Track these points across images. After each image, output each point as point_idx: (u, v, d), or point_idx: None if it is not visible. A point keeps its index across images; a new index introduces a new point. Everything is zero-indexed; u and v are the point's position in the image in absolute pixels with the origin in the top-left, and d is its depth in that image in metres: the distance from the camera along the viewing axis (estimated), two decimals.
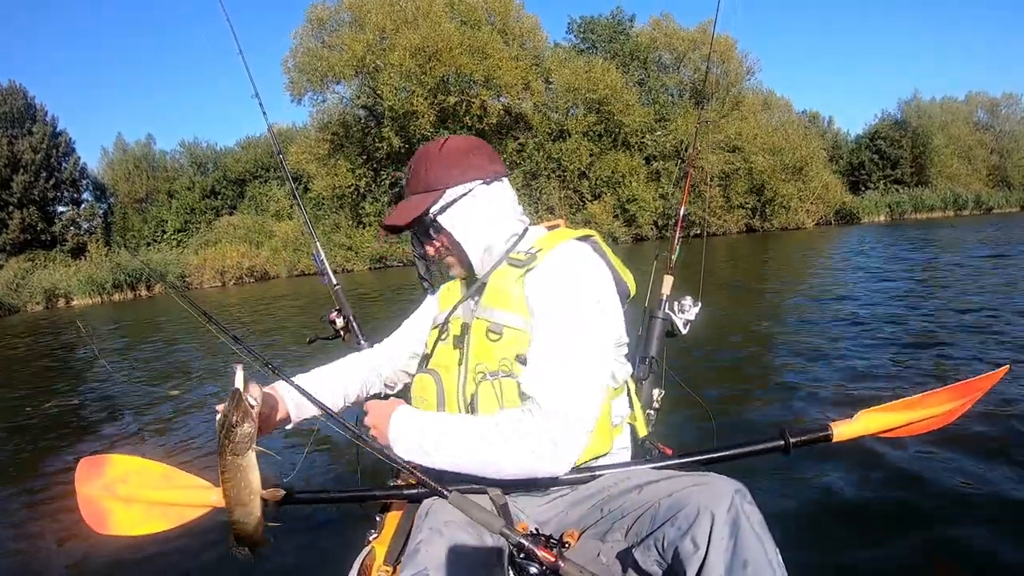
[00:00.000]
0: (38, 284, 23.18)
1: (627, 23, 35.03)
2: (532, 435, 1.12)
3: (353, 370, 1.55)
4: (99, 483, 1.44)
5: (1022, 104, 44.82)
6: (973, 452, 2.62)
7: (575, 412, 1.14)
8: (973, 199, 36.88)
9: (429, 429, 1.20)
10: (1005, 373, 1.61)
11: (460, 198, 1.32)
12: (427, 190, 1.32)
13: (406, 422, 1.22)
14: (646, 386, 1.94)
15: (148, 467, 1.48)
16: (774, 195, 30.11)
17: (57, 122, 32.13)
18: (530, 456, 1.12)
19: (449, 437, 1.17)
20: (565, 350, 1.17)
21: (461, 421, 1.20)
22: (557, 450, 1.12)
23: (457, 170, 1.32)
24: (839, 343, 4.97)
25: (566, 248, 1.30)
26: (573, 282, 1.23)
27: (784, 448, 1.44)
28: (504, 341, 1.25)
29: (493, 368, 1.24)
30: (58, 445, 4.59)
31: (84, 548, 2.70)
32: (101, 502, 1.43)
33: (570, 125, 29.36)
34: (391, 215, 1.36)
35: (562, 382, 1.15)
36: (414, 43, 25.52)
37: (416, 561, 1.05)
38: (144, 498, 1.44)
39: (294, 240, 27.56)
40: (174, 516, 1.44)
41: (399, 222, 1.34)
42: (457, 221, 1.32)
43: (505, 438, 1.13)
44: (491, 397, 1.23)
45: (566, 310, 1.20)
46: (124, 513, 1.43)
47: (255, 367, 1.32)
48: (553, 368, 1.16)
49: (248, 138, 38.02)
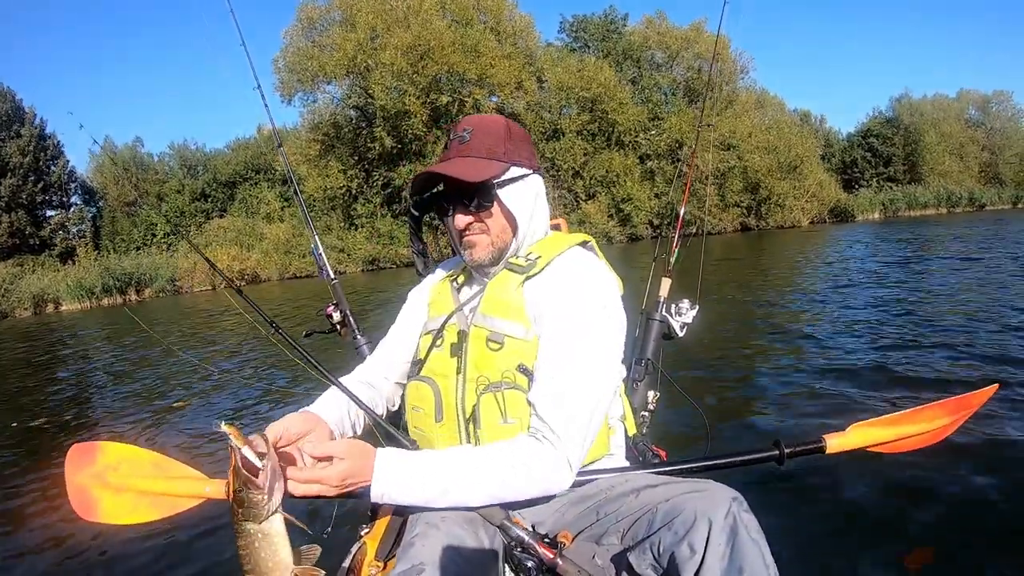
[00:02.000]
0: (27, 289, 22.77)
1: (620, 22, 35.00)
2: (554, 467, 1.12)
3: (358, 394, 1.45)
4: (90, 470, 1.42)
5: (1013, 101, 45.21)
6: (964, 466, 2.62)
7: (589, 435, 1.17)
8: (966, 196, 37.07)
9: (430, 482, 1.10)
10: (995, 392, 1.65)
11: (520, 178, 1.29)
12: (495, 158, 1.26)
13: (397, 473, 1.10)
14: (641, 387, 1.94)
15: (140, 455, 1.46)
16: (769, 193, 30.15)
17: (46, 125, 31.88)
18: (550, 485, 1.14)
19: (459, 487, 1.11)
20: (580, 371, 1.16)
21: (467, 469, 1.11)
22: (572, 472, 1.15)
23: (524, 152, 1.31)
24: (835, 350, 4.91)
25: (573, 257, 1.29)
26: (587, 296, 1.22)
27: (778, 458, 1.46)
28: (505, 351, 1.22)
29: (495, 379, 1.21)
30: (50, 433, 4.65)
31: (73, 536, 2.70)
32: (90, 489, 1.41)
33: (563, 124, 29.25)
34: (448, 167, 1.24)
35: (577, 407, 1.14)
36: (406, 42, 25.30)
37: (410, 555, 1.03)
38: (135, 487, 1.41)
39: (285, 242, 27.24)
40: (165, 506, 1.41)
41: (471, 177, 1.22)
42: (513, 198, 1.28)
43: (528, 478, 1.12)
44: (493, 409, 1.20)
45: (580, 327, 1.18)
46: (113, 501, 1.41)
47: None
48: (568, 393, 1.15)
49: (238, 140, 37.83)
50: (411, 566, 1.00)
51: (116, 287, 23.60)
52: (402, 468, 1.09)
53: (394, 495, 1.09)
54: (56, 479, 3.21)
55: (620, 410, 1.41)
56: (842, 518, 2.32)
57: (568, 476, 1.14)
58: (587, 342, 1.18)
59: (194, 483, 1.40)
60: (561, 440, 1.12)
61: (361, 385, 1.48)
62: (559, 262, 1.27)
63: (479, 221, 1.28)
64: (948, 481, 2.49)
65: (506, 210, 1.28)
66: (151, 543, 2.59)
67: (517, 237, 1.30)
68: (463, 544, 1.08)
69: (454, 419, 1.25)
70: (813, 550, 2.11)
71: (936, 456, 2.51)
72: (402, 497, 1.10)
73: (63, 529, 2.84)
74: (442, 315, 1.36)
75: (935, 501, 2.37)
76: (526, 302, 1.24)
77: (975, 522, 2.22)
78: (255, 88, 2.58)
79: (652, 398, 1.92)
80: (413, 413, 1.33)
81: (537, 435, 1.14)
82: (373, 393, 1.48)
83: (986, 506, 2.32)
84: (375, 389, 1.49)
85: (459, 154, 1.27)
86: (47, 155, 31.52)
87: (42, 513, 3.11)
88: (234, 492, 0.95)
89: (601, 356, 1.20)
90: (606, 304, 1.23)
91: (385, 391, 1.51)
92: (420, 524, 1.10)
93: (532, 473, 1.11)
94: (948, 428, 1.64)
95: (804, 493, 2.50)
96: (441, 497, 1.10)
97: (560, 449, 1.12)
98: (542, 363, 1.18)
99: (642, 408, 1.90)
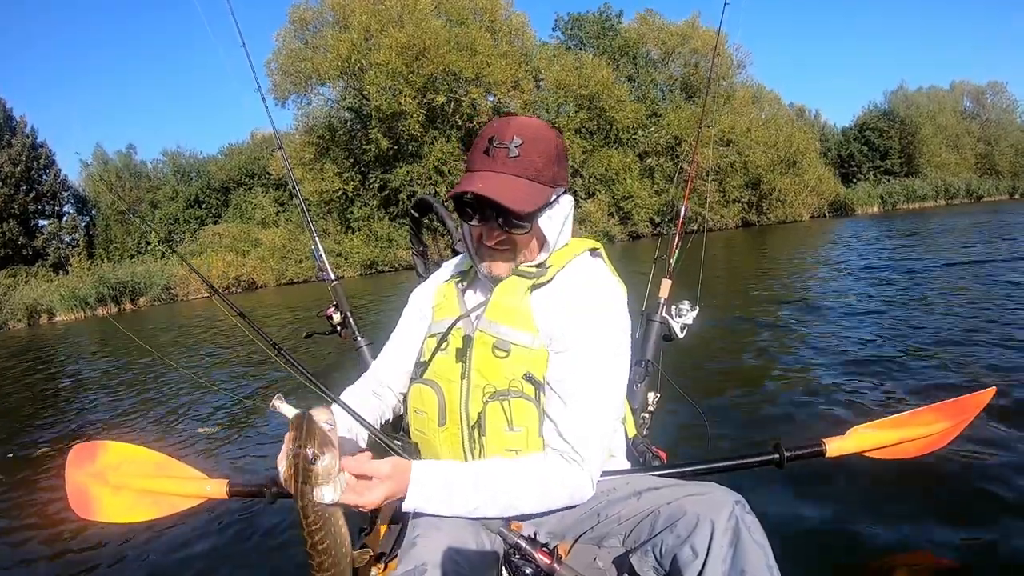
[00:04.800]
0: (19, 300, 22.34)
1: (615, 19, 34.77)
2: (580, 486, 1.15)
3: (365, 407, 1.42)
4: (90, 469, 1.43)
5: (1007, 92, 45.23)
6: (965, 469, 2.60)
7: (604, 450, 1.20)
8: (964, 188, 37.07)
9: (463, 498, 1.10)
10: (993, 395, 1.69)
11: (556, 200, 1.26)
12: (542, 182, 1.21)
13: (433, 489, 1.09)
14: (642, 389, 1.94)
15: (142, 455, 1.47)
16: (771, 189, 29.99)
17: (37, 134, 31.42)
18: (577, 501, 1.16)
19: (493, 504, 1.11)
20: (600, 392, 1.17)
21: (502, 488, 1.12)
22: (595, 487, 1.17)
23: (565, 173, 1.27)
24: (835, 352, 4.85)
25: (583, 267, 1.29)
26: (603, 313, 1.22)
27: (778, 462, 1.47)
28: (512, 359, 1.21)
29: (502, 387, 1.21)
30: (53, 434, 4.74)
31: (74, 536, 2.73)
32: (89, 488, 1.42)
33: (561, 122, 28.97)
34: (489, 185, 1.16)
35: (598, 427, 1.17)
36: (400, 41, 25.00)
37: (413, 555, 1.03)
38: (135, 486, 1.42)
39: (282, 247, 26.88)
40: (164, 505, 1.43)
41: (520, 207, 1.16)
42: (547, 221, 1.25)
43: (559, 497, 1.14)
44: (499, 417, 1.20)
45: (599, 346, 1.19)
46: (111, 500, 1.42)
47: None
48: (590, 414, 1.16)
49: (231, 145, 37.30)
50: (414, 567, 1.01)
51: (110, 296, 23.22)
52: (437, 484, 1.09)
53: (427, 509, 1.09)
54: (56, 480, 3.25)
55: (621, 412, 1.39)
56: (842, 522, 2.30)
57: (591, 492, 1.16)
58: (606, 361, 1.18)
59: (195, 483, 1.42)
60: (587, 461, 1.14)
61: (367, 395, 1.46)
62: (569, 272, 1.27)
63: (508, 240, 1.23)
64: (948, 484, 2.48)
65: (539, 232, 1.24)
66: (152, 543, 2.62)
67: (541, 255, 1.28)
68: (465, 546, 1.08)
69: (457, 424, 1.25)
70: (812, 553, 2.10)
71: (936, 459, 2.58)
72: (434, 510, 1.09)
73: (63, 529, 2.85)
74: (447, 318, 1.33)
75: (935, 504, 2.35)
76: (534, 310, 1.23)
77: (976, 526, 2.20)
78: (255, 90, 2.59)
79: (652, 399, 1.92)
80: (416, 416, 1.33)
81: (565, 456, 1.15)
82: (379, 403, 1.46)
83: (987, 510, 2.30)
84: (380, 398, 1.47)
85: (504, 169, 1.18)
86: (39, 164, 31.08)
87: (43, 513, 3.11)
88: (306, 462, 0.88)
89: (618, 374, 1.21)
90: (618, 320, 1.24)
91: (391, 400, 1.49)
92: (421, 525, 1.10)
93: (563, 492, 1.13)
94: (948, 434, 1.66)
95: (804, 496, 2.47)
96: (473, 512, 1.10)
97: (587, 469, 1.14)
98: (563, 381, 1.18)
99: (642, 409, 1.89)
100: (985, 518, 2.25)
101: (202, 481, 1.41)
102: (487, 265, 1.28)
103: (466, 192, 1.17)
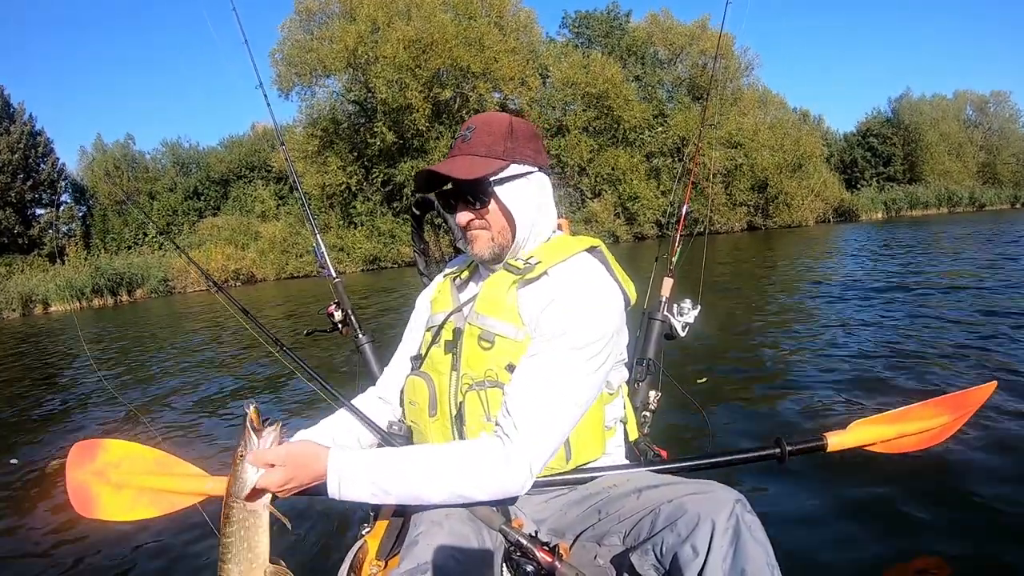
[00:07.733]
0: (14, 290, 22.05)
1: (623, 18, 34.60)
2: (505, 463, 1.10)
3: (370, 410, 1.47)
4: (91, 467, 1.43)
5: (1010, 102, 45.26)
6: (966, 464, 2.59)
7: (554, 441, 1.15)
8: (967, 196, 37.09)
9: (380, 480, 1.11)
10: (994, 389, 1.69)
11: (521, 176, 1.28)
12: (493, 156, 1.25)
13: (347, 472, 1.11)
14: (643, 387, 1.94)
15: (143, 453, 1.47)
16: (778, 192, 29.84)
17: (35, 121, 31.02)
18: (504, 482, 1.11)
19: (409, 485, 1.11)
20: (560, 382, 1.15)
21: (419, 468, 1.11)
22: (529, 471, 1.12)
23: (526, 149, 1.29)
24: (835, 349, 4.84)
25: (574, 267, 1.26)
26: (580, 313, 1.19)
27: (779, 456, 1.46)
28: (495, 350, 1.23)
29: (479, 378, 1.22)
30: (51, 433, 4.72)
31: (74, 536, 2.73)
32: (90, 486, 1.42)
33: (568, 121, 28.77)
34: (446, 165, 1.25)
35: (547, 413, 1.13)
36: (408, 35, 24.74)
37: (415, 553, 1.03)
38: (136, 484, 1.42)
39: (282, 241, 26.55)
40: (165, 503, 1.42)
41: (465, 175, 1.23)
42: (513, 196, 1.27)
43: (478, 475, 1.10)
44: (477, 408, 1.21)
45: (574, 341, 1.17)
46: (112, 498, 1.42)
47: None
48: (542, 399, 1.14)
49: (231, 137, 36.97)
50: (416, 564, 1.01)
51: (107, 287, 22.94)
52: (352, 468, 1.10)
53: (348, 494, 1.10)
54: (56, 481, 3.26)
55: (620, 411, 1.41)
56: (844, 517, 2.29)
57: (522, 475, 1.11)
58: (572, 357, 1.16)
59: (196, 480, 1.42)
60: (521, 442, 1.11)
61: (372, 400, 1.51)
62: (559, 271, 1.25)
63: (480, 218, 1.28)
64: (950, 479, 2.48)
65: (504, 208, 1.26)
66: (153, 541, 2.62)
67: (518, 235, 1.28)
68: (466, 543, 1.07)
69: (447, 415, 1.26)
70: (813, 552, 2.08)
71: (938, 453, 2.46)
72: (356, 495, 1.10)
73: (63, 529, 2.85)
74: (443, 312, 1.36)
75: (937, 499, 2.35)
76: (520, 305, 1.24)
77: (978, 521, 2.20)
78: (256, 87, 2.57)
79: (653, 398, 1.93)
80: (409, 407, 1.36)
81: (500, 432, 1.14)
82: (385, 407, 1.50)
83: (988, 505, 2.29)
84: (387, 403, 1.50)
85: (460, 152, 1.26)
86: (37, 152, 30.69)
87: (43, 513, 3.10)
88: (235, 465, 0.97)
89: (583, 373, 1.17)
90: (599, 322, 1.20)
91: (397, 405, 1.49)
92: (423, 522, 1.09)
93: (483, 470, 1.10)
94: (949, 428, 1.67)
95: (805, 491, 2.47)
96: (388, 496, 1.11)
97: (517, 447, 1.11)
98: (524, 366, 1.18)
99: (643, 408, 1.90)
100: (986, 514, 2.24)
101: (203, 479, 1.41)
102: (471, 247, 1.31)
103: (428, 180, 1.29)
